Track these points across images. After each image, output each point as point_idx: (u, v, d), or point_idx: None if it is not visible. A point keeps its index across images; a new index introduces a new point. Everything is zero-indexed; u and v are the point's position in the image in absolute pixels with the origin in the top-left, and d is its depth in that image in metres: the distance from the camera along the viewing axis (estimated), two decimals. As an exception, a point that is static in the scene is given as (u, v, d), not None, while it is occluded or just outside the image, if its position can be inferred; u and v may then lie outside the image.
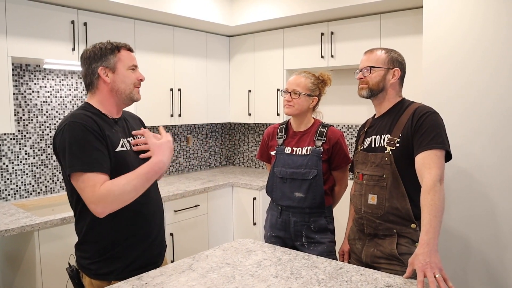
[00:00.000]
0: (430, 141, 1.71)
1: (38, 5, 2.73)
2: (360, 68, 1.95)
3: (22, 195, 3.04)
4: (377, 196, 1.85)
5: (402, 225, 1.81)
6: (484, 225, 2.34)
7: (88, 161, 1.52)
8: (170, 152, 1.68)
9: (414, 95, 2.29)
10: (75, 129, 1.55)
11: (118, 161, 1.63)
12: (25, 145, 3.03)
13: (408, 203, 1.79)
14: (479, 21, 2.31)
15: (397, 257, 1.80)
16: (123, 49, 1.72)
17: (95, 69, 1.68)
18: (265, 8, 3.51)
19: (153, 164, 1.62)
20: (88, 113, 1.64)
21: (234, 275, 1.56)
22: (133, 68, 1.74)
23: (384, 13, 3.16)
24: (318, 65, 3.52)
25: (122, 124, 1.79)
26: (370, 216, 1.88)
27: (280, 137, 2.30)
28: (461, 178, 2.39)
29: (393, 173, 1.81)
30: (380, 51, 1.93)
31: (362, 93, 1.94)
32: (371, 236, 1.91)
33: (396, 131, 1.84)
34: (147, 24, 3.40)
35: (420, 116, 1.78)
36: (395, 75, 1.91)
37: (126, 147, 1.71)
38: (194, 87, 3.83)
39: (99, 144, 1.56)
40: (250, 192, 3.60)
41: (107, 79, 1.68)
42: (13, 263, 2.65)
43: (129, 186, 1.54)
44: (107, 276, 1.66)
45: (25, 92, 3.01)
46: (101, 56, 1.68)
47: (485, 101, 2.31)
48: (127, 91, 1.72)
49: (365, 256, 1.91)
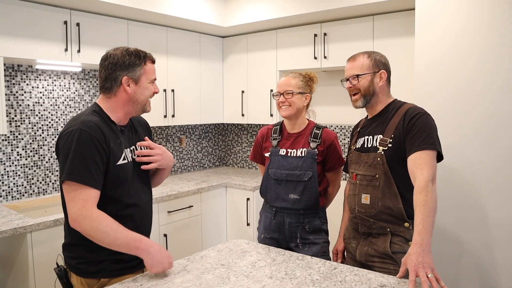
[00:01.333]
0: (421, 142, 1.73)
1: (30, 5, 2.72)
2: (346, 77, 1.97)
3: (14, 197, 3.02)
4: (370, 196, 1.87)
5: (395, 224, 1.83)
6: (477, 228, 2.36)
7: (86, 175, 1.52)
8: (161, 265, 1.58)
9: (407, 97, 2.31)
10: (81, 139, 1.54)
11: (117, 175, 1.64)
12: (17, 146, 3.01)
13: (400, 202, 1.81)
14: (472, 24, 2.33)
15: (390, 256, 1.82)
16: (148, 61, 1.72)
17: (119, 77, 1.66)
18: (259, 9, 3.52)
19: (137, 248, 1.56)
20: (98, 121, 1.61)
21: (229, 276, 1.57)
22: (153, 82, 1.75)
23: (377, 15, 3.18)
24: (311, 66, 3.53)
25: (128, 132, 1.78)
26: (364, 215, 1.90)
27: (275, 139, 2.30)
28: (454, 181, 2.41)
29: (385, 173, 1.83)
30: (362, 57, 1.94)
31: (358, 104, 1.95)
32: (365, 235, 1.93)
33: (388, 131, 1.86)
34: (140, 24, 3.39)
35: (412, 117, 1.79)
36: (382, 78, 1.92)
37: (128, 158, 1.71)
38: (187, 88, 3.83)
39: (99, 159, 1.56)
40: (243, 192, 3.60)
41: (129, 89, 1.67)
42: (5, 265, 2.63)
43: (111, 234, 1.53)
44: (96, 274, 1.66)
45: (17, 92, 2.99)
46: (129, 65, 1.66)
47: (479, 105, 2.33)
48: (142, 103, 1.73)
49: (359, 254, 1.93)
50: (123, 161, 1.66)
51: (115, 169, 1.62)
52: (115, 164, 1.62)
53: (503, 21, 2.24)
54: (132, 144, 1.77)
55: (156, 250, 1.57)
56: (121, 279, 1.64)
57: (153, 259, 1.54)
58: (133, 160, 1.74)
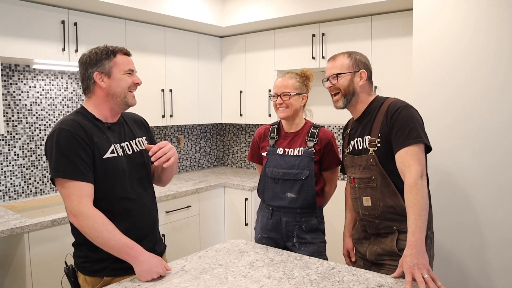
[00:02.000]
0: (406, 138, 1.71)
1: (27, 4, 2.71)
2: (327, 76, 1.97)
3: (12, 197, 3.01)
4: (370, 198, 1.87)
5: (400, 222, 1.82)
6: (471, 232, 2.37)
7: (72, 170, 1.56)
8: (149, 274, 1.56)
9: (404, 98, 2.29)
10: (62, 136, 1.59)
11: (106, 168, 1.66)
12: (15, 146, 3.00)
13: (400, 199, 1.80)
14: (470, 24, 2.33)
15: (397, 253, 1.81)
16: (119, 54, 1.73)
17: (91, 74, 1.70)
18: (257, 9, 3.52)
19: (128, 254, 1.56)
20: (79, 119, 1.66)
21: (227, 276, 1.56)
22: (130, 73, 1.74)
23: (375, 15, 3.18)
24: (309, 66, 3.53)
25: (119, 128, 1.79)
26: (369, 217, 1.91)
27: (272, 138, 2.31)
28: (449, 184, 2.41)
29: (380, 173, 1.83)
30: (342, 57, 1.94)
31: (339, 104, 1.95)
32: (375, 236, 1.93)
33: (375, 131, 1.85)
34: (138, 24, 3.39)
35: (393, 113, 1.78)
36: (362, 77, 1.92)
37: (118, 152, 1.72)
38: (185, 88, 3.82)
39: (83, 153, 1.59)
40: (241, 192, 3.60)
41: (103, 84, 1.70)
42: (2, 266, 2.62)
43: (105, 235, 1.54)
44: (99, 273, 1.68)
45: (14, 92, 2.98)
46: (97, 61, 1.69)
47: (476, 106, 2.33)
48: (122, 95, 1.73)
49: (370, 254, 1.94)
50: (111, 154, 1.68)
51: (102, 162, 1.65)
52: (101, 157, 1.65)
53: (501, 22, 2.24)
54: (125, 140, 1.79)
55: (146, 259, 1.56)
56: (123, 278, 1.65)
57: (142, 268, 1.55)
58: (128, 155, 1.76)
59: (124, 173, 1.71)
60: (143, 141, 1.87)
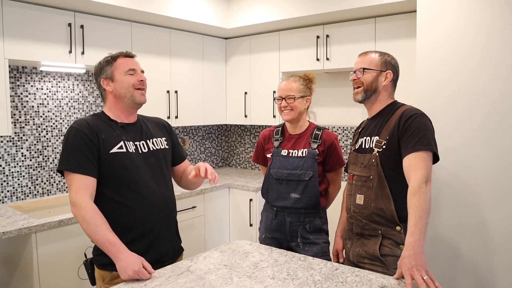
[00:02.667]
0: (416, 143, 1.73)
1: (35, 7, 2.74)
2: (354, 69, 2.00)
3: (19, 197, 3.04)
4: (364, 196, 1.90)
5: (386, 227, 1.85)
6: (474, 231, 2.38)
7: (75, 164, 1.69)
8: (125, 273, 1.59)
9: (408, 99, 2.32)
10: (71, 134, 1.74)
11: (113, 162, 1.75)
12: (22, 147, 3.04)
13: (392, 204, 1.82)
14: (474, 26, 2.35)
15: (379, 258, 1.83)
16: (119, 58, 1.84)
17: (99, 83, 1.85)
18: (261, 11, 3.54)
19: (110, 249, 1.62)
20: (91, 119, 1.80)
21: (232, 276, 1.58)
22: (131, 73, 1.83)
23: (379, 17, 3.19)
24: (314, 67, 3.55)
25: (136, 128, 1.89)
26: (358, 215, 1.93)
27: (276, 140, 2.34)
28: (453, 184, 2.42)
29: (379, 174, 1.85)
30: (374, 54, 1.97)
31: (358, 97, 1.98)
32: (358, 236, 1.95)
33: (384, 133, 1.87)
34: (144, 26, 3.42)
35: (408, 118, 1.80)
36: (387, 78, 1.94)
37: (128, 149, 1.80)
38: (190, 89, 3.85)
39: (86, 149, 1.71)
40: (246, 193, 3.62)
41: (109, 88, 1.83)
42: (10, 265, 2.65)
43: (92, 228, 1.63)
44: (109, 267, 1.74)
45: (21, 94, 3.02)
46: (101, 69, 1.84)
47: (479, 107, 2.34)
48: (128, 95, 1.82)
49: (352, 255, 1.96)
50: (119, 149, 1.77)
51: (108, 156, 1.74)
52: (108, 152, 1.75)
53: (504, 23, 2.25)
54: (141, 139, 1.89)
55: (124, 257, 1.60)
56: None
57: (120, 265, 1.59)
58: (143, 152, 1.85)
59: (135, 168, 1.78)
60: (162, 141, 1.96)
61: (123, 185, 1.76)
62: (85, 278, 1.93)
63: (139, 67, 1.88)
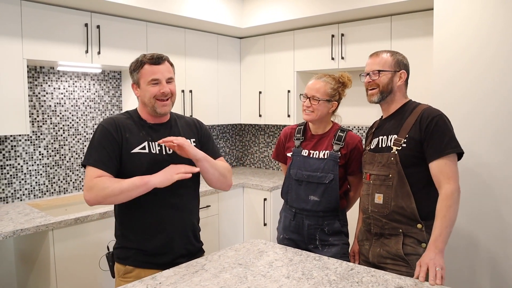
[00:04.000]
0: (445, 146, 1.76)
1: (52, 8, 2.78)
2: (367, 71, 1.97)
3: (36, 195, 3.09)
4: (383, 196, 1.88)
5: (407, 225, 1.83)
6: (490, 223, 2.34)
7: (96, 159, 1.72)
8: (165, 177, 1.72)
9: (424, 97, 2.30)
10: (97, 131, 1.78)
11: (133, 161, 1.76)
12: (39, 145, 3.08)
13: (413, 202, 1.81)
14: (488, 21, 2.31)
15: (402, 257, 1.81)
16: (146, 64, 1.79)
17: (131, 85, 1.88)
18: (276, 10, 3.53)
19: (140, 181, 1.69)
20: (119, 117, 1.84)
21: (247, 275, 1.58)
22: (155, 82, 1.78)
23: (395, 15, 3.16)
24: (329, 67, 3.53)
25: (164, 129, 1.88)
26: (377, 215, 1.91)
27: (298, 139, 2.28)
28: (467, 176, 2.38)
29: (398, 172, 1.84)
30: (386, 54, 1.95)
31: (373, 99, 1.96)
32: (377, 236, 1.93)
33: (403, 132, 1.86)
34: (159, 26, 3.44)
35: (430, 120, 1.80)
36: (401, 78, 1.94)
37: (152, 149, 1.80)
38: (205, 89, 3.86)
39: (109, 146, 1.74)
40: (260, 193, 3.62)
41: (137, 92, 1.86)
42: (27, 262, 2.70)
43: (112, 188, 1.66)
44: (124, 260, 1.81)
45: (39, 93, 3.06)
46: (131, 73, 1.86)
47: (492, 100, 2.31)
48: (149, 105, 1.82)
49: (372, 256, 1.94)
50: (142, 150, 1.78)
51: (130, 156, 1.76)
52: (130, 151, 1.77)
53: (524, 21, 2.21)
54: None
55: (161, 172, 1.72)
56: (145, 271, 1.75)
57: (159, 177, 1.70)
58: (168, 154, 1.83)
59: (154, 169, 1.75)
60: (190, 142, 1.90)
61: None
62: (106, 269, 1.98)
63: (165, 75, 1.79)
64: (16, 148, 2.97)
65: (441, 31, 2.47)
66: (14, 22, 2.60)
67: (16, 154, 2.97)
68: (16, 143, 2.97)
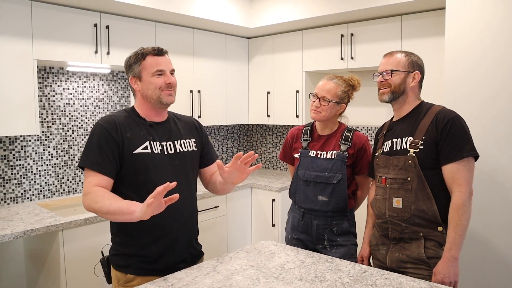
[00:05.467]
0: (460, 150, 1.74)
1: (62, 9, 2.78)
2: (380, 71, 1.95)
3: (46, 195, 3.09)
4: (402, 199, 1.85)
5: (428, 228, 1.81)
6: (500, 221, 2.31)
7: (93, 161, 1.65)
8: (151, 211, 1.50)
9: (434, 96, 2.27)
10: (95, 130, 1.70)
11: (136, 162, 1.70)
12: (49, 146, 3.09)
13: (434, 204, 1.79)
14: (499, 18, 2.29)
15: (425, 261, 1.79)
16: (149, 56, 1.74)
17: (128, 79, 1.82)
18: (284, 10, 3.51)
19: (127, 209, 1.54)
20: (118, 115, 1.76)
21: (259, 277, 1.57)
22: (160, 73, 1.74)
23: (405, 15, 3.13)
24: (338, 67, 3.51)
25: (164, 127, 1.83)
26: (396, 219, 1.87)
27: (305, 140, 2.29)
28: (477, 173, 2.35)
29: (418, 175, 1.81)
30: (400, 54, 1.93)
31: (384, 98, 1.94)
32: (396, 241, 1.90)
33: (419, 133, 1.83)
34: (168, 26, 3.43)
35: (447, 122, 1.77)
36: (415, 79, 1.91)
37: (154, 149, 1.74)
38: (213, 89, 3.85)
39: (108, 148, 1.67)
40: (269, 193, 3.60)
41: (137, 87, 1.78)
42: (37, 262, 2.70)
43: (101, 205, 1.57)
44: (124, 268, 1.73)
45: (49, 94, 3.07)
46: (130, 66, 1.78)
47: (503, 97, 2.29)
48: (154, 97, 1.75)
49: (390, 261, 1.90)
50: (144, 150, 1.72)
51: (132, 157, 1.70)
52: (132, 152, 1.70)
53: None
54: (169, 139, 1.81)
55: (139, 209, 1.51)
56: (146, 278, 1.68)
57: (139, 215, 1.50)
58: (169, 154, 1.79)
59: (156, 169, 1.72)
60: (190, 143, 1.88)
61: (143, 187, 1.69)
62: (101, 275, 1.90)
63: (168, 67, 1.77)
64: (26, 148, 2.97)
65: (453, 30, 2.45)
66: (24, 23, 2.61)
67: (26, 155, 2.97)
68: (26, 144, 2.97)
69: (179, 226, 1.80)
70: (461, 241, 1.72)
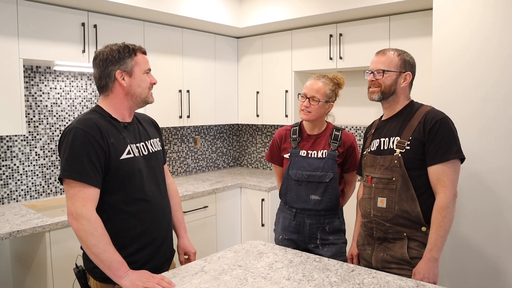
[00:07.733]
0: (447, 151, 1.74)
1: (49, 7, 2.75)
2: (372, 69, 1.92)
3: (33, 196, 3.06)
4: (386, 199, 1.85)
5: (412, 229, 1.82)
6: (489, 225, 2.33)
7: (81, 172, 1.52)
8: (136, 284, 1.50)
9: (422, 97, 2.28)
10: (77, 136, 1.55)
11: (123, 169, 1.63)
12: (36, 146, 3.05)
13: (418, 206, 1.79)
14: (487, 20, 2.31)
15: (408, 261, 1.80)
16: (139, 53, 1.72)
17: (111, 72, 1.66)
18: (274, 10, 3.51)
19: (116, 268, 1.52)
20: (96, 118, 1.63)
21: (247, 277, 1.57)
22: (148, 72, 1.74)
23: (393, 15, 3.15)
24: (327, 66, 3.52)
25: (134, 128, 1.77)
26: (380, 219, 1.88)
27: (294, 140, 2.30)
28: (467, 177, 2.38)
29: (402, 175, 1.81)
30: (392, 53, 1.90)
31: (374, 97, 1.92)
32: (380, 240, 1.90)
33: (406, 134, 1.83)
34: (156, 26, 3.42)
35: (434, 123, 1.77)
36: (406, 79, 1.90)
37: (134, 153, 1.69)
38: (202, 89, 3.84)
39: (95, 156, 1.55)
40: (258, 193, 3.60)
41: (124, 82, 1.67)
42: (24, 264, 2.67)
43: (93, 243, 1.51)
44: (110, 279, 1.62)
45: (35, 93, 3.04)
46: (119, 59, 1.66)
47: (492, 100, 2.31)
48: (143, 95, 1.72)
49: (375, 261, 1.91)
50: (128, 155, 1.65)
51: (119, 163, 1.61)
52: (118, 158, 1.62)
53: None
54: (141, 140, 1.77)
55: (130, 274, 1.52)
56: None
57: (127, 283, 1.50)
58: (144, 155, 1.74)
59: (141, 174, 1.68)
60: (157, 143, 1.86)
61: (131, 193, 1.65)
62: None
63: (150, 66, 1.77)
64: (12, 148, 2.94)
65: (440, 31, 2.47)
66: (10, 21, 2.57)
67: (12, 155, 2.94)
68: (12, 144, 2.94)
69: (163, 228, 1.79)
70: (442, 242, 1.73)
